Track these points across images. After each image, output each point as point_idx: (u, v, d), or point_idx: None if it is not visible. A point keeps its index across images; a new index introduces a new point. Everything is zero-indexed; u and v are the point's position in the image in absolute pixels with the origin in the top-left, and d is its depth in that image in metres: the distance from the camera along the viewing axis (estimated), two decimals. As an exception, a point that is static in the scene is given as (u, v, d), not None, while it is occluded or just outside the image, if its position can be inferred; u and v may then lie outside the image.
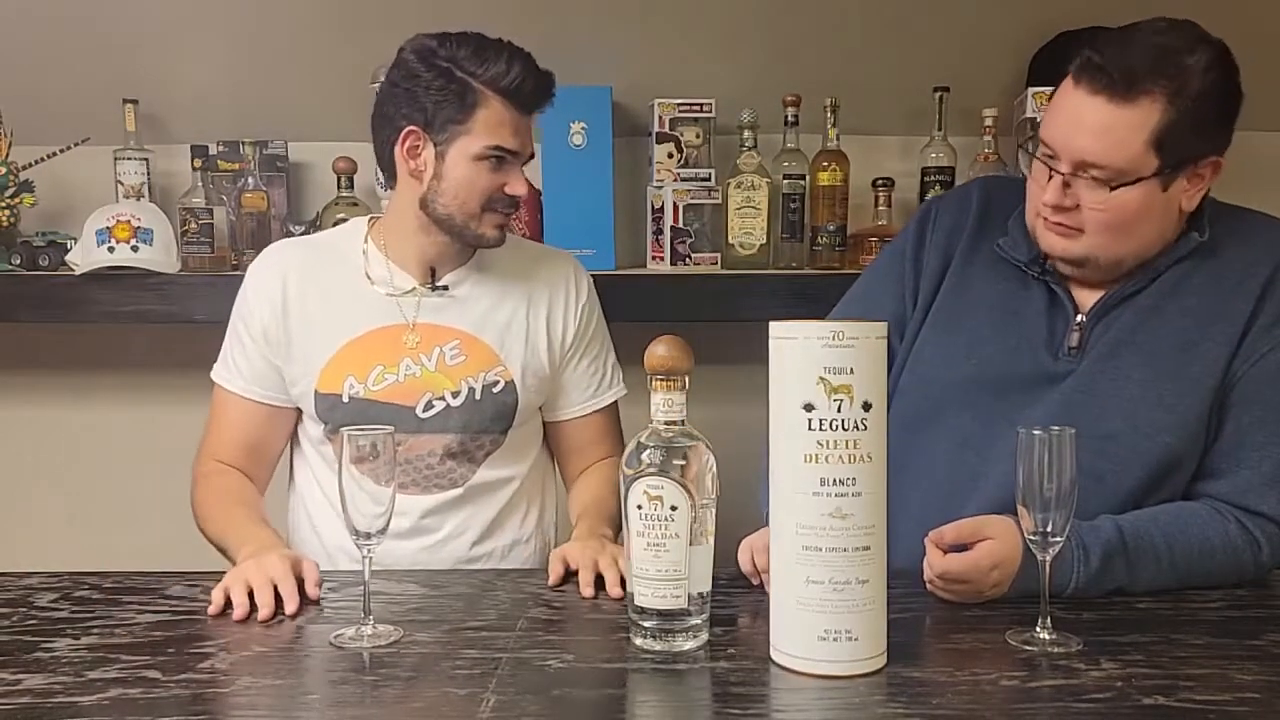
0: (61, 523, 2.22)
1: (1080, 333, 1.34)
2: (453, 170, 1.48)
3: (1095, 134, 1.24)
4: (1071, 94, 1.26)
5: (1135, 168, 1.24)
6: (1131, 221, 1.27)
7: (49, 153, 2.06)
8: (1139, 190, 1.25)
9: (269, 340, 1.53)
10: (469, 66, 1.45)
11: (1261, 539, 1.26)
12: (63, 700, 0.99)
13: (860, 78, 2.05)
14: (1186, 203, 1.30)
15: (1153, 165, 1.24)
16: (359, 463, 1.10)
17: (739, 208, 2.00)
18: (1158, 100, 1.22)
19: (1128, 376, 1.30)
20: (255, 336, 1.54)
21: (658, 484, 1.06)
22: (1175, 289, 1.32)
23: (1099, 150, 1.24)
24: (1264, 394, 1.28)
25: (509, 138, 1.47)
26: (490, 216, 1.50)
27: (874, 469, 1.01)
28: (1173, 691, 0.98)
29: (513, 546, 1.59)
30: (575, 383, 1.63)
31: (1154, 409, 1.28)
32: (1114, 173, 1.24)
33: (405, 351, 1.51)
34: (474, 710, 0.95)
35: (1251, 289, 1.29)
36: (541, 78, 1.49)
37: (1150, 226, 1.29)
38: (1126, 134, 1.23)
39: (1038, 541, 1.10)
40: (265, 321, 1.53)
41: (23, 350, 2.22)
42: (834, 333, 0.99)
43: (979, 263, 1.42)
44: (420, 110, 1.47)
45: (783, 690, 1.01)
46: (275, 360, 1.53)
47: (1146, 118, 1.22)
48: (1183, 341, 1.29)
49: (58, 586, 1.30)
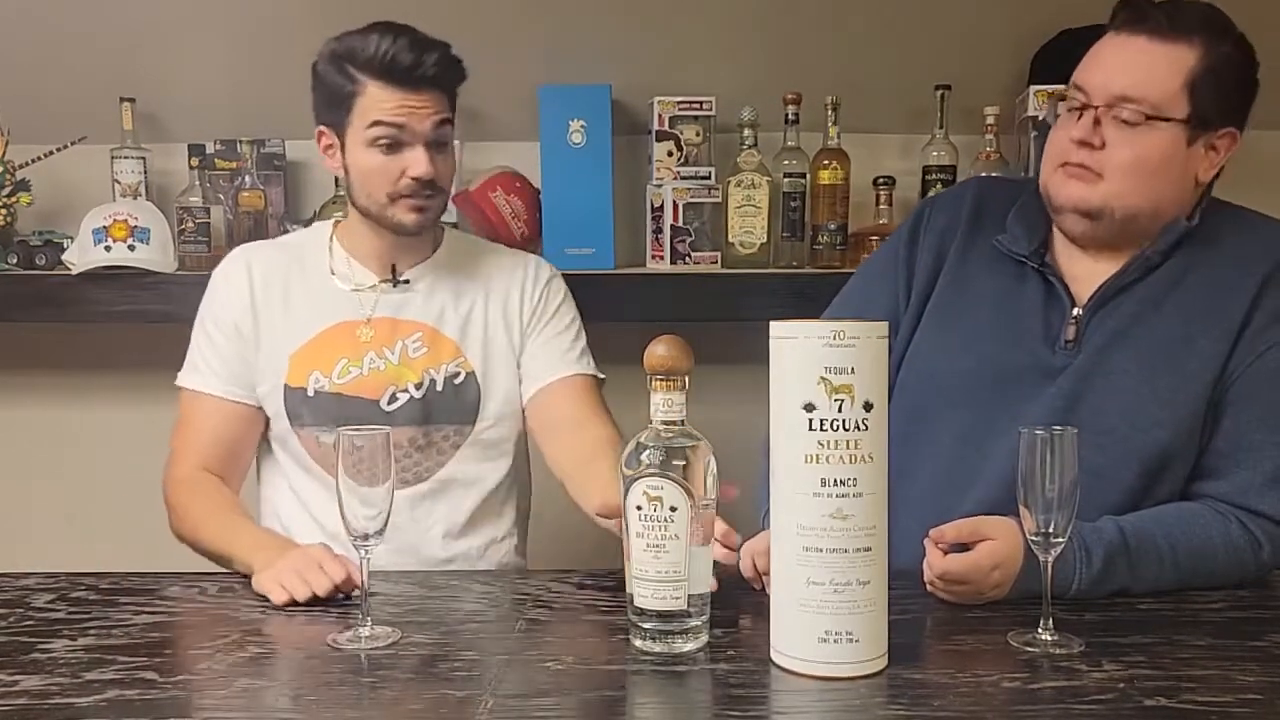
0: (58, 523, 2.22)
1: (1076, 326, 1.34)
2: (353, 163, 1.50)
3: (1135, 67, 1.28)
4: (1111, 40, 1.31)
5: (1168, 105, 1.27)
6: (1154, 169, 1.29)
7: (46, 151, 2.05)
8: (1167, 134, 1.28)
9: (242, 336, 1.54)
10: (351, 56, 1.46)
11: (1263, 539, 1.26)
12: (60, 701, 0.98)
13: (861, 76, 2.05)
14: (1203, 173, 1.32)
15: (1184, 109, 1.27)
16: (354, 463, 1.10)
17: (739, 206, 2.00)
18: (1196, 46, 1.26)
19: (1124, 371, 1.30)
20: (228, 334, 1.54)
21: (657, 485, 1.05)
22: (1173, 285, 1.32)
23: (1135, 83, 1.27)
24: (1262, 393, 1.28)
25: (388, 113, 1.45)
26: (403, 203, 1.49)
27: (875, 469, 1.01)
28: (1175, 693, 0.98)
29: (488, 546, 1.58)
30: (539, 354, 1.59)
31: (1149, 404, 1.28)
32: (1149, 107, 1.27)
33: (368, 345, 1.52)
34: (472, 712, 0.95)
35: (1248, 287, 1.29)
36: (424, 49, 1.46)
37: (1167, 183, 1.30)
38: (1166, 69, 1.27)
39: (1040, 542, 1.09)
40: (236, 317, 1.54)
41: (19, 350, 2.22)
42: (835, 332, 0.99)
43: (975, 259, 1.42)
44: (323, 110, 1.51)
45: (783, 692, 1.00)
46: (247, 356, 1.54)
47: (1186, 58, 1.27)
48: (1179, 337, 1.29)
49: (55, 587, 1.30)
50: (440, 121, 1.49)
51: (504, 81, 2.05)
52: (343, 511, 1.11)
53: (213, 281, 1.58)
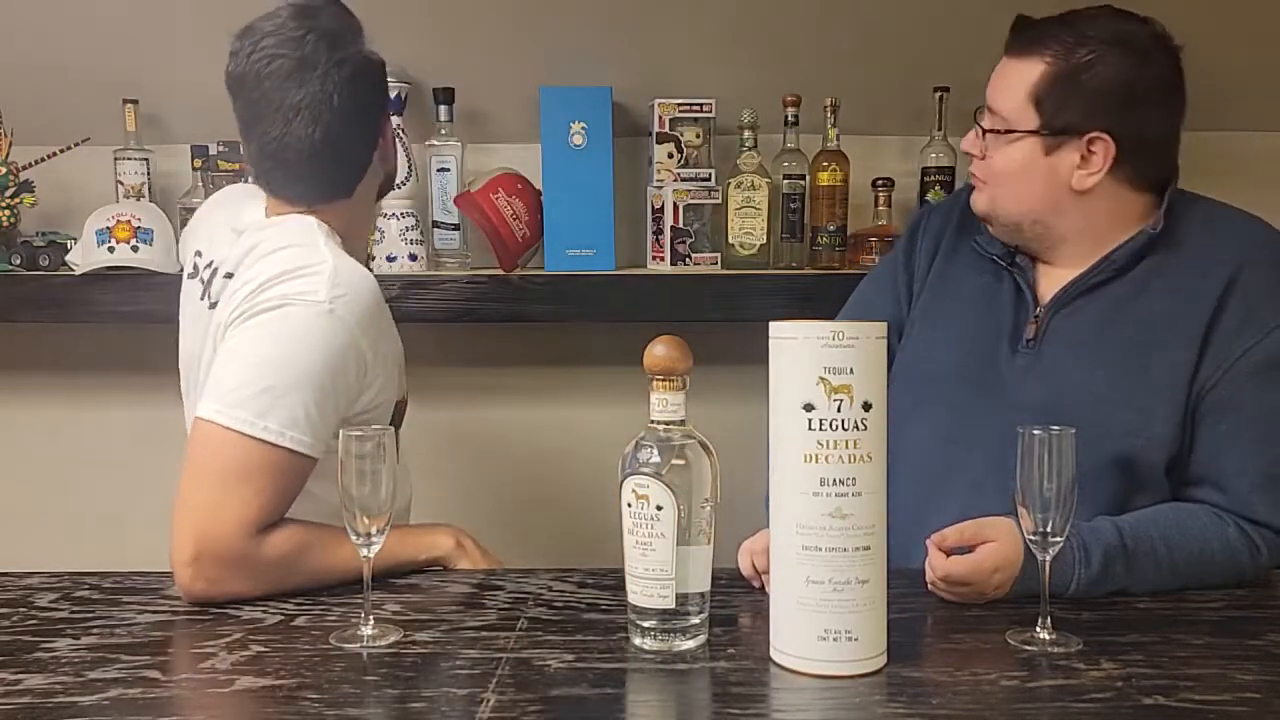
0: (61, 523, 2.22)
1: (1036, 325, 1.35)
2: (387, 156, 1.54)
3: (996, 83, 1.37)
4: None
5: (1017, 118, 1.33)
6: (1016, 177, 1.35)
7: (49, 153, 2.06)
8: (1022, 144, 1.33)
9: (359, 374, 1.35)
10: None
11: (1260, 544, 1.27)
12: (63, 700, 0.99)
13: (860, 78, 2.05)
14: (1078, 181, 1.33)
15: (1032, 121, 1.32)
16: (361, 463, 1.10)
17: (739, 208, 2.00)
18: (1043, 59, 1.31)
19: (1092, 376, 1.30)
20: (351, 385, 1.34)
21: (645, 483, 1.06)
22: (1140, 288, 1.32)
23: (993, 98, 1.37)
24: (1243, 398, 1.27)
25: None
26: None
27: (874, 469, 1.01)
28: (1173, 691, 0.98)
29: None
30: None
31: (1119, 410, 1.28)
32: (1000, 121, 1.35)
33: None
34: (474, 710, 0.95)
35: (1212, 291, 1.29)
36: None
37: (1034, 189, 1.34)
38: (1013, 85, 1.34)
39: (1037, 542, 1.10)
40: (357, 359, 1.35)
41: (22, 350, 2.22)
42: (834, 333, 0.99)
43: (960, 259, 1.46)
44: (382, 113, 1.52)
45: (783, 690, 1.01)
46: (352, 395, 1.36)
47: (1030, 72, 1.32)
48: (1145, 343, 1.30)
49: (58, 586, 1.30)
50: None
51: (505, 83, 2.06)
52: (346, 510, 1.11)
53: (348, 347, 1.32)
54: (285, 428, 1.26)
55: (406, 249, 2.02)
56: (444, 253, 2.06)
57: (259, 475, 1.26)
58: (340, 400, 1.32)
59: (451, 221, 2.05)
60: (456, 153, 2.04)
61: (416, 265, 2.03)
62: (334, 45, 1.39)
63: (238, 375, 1.29)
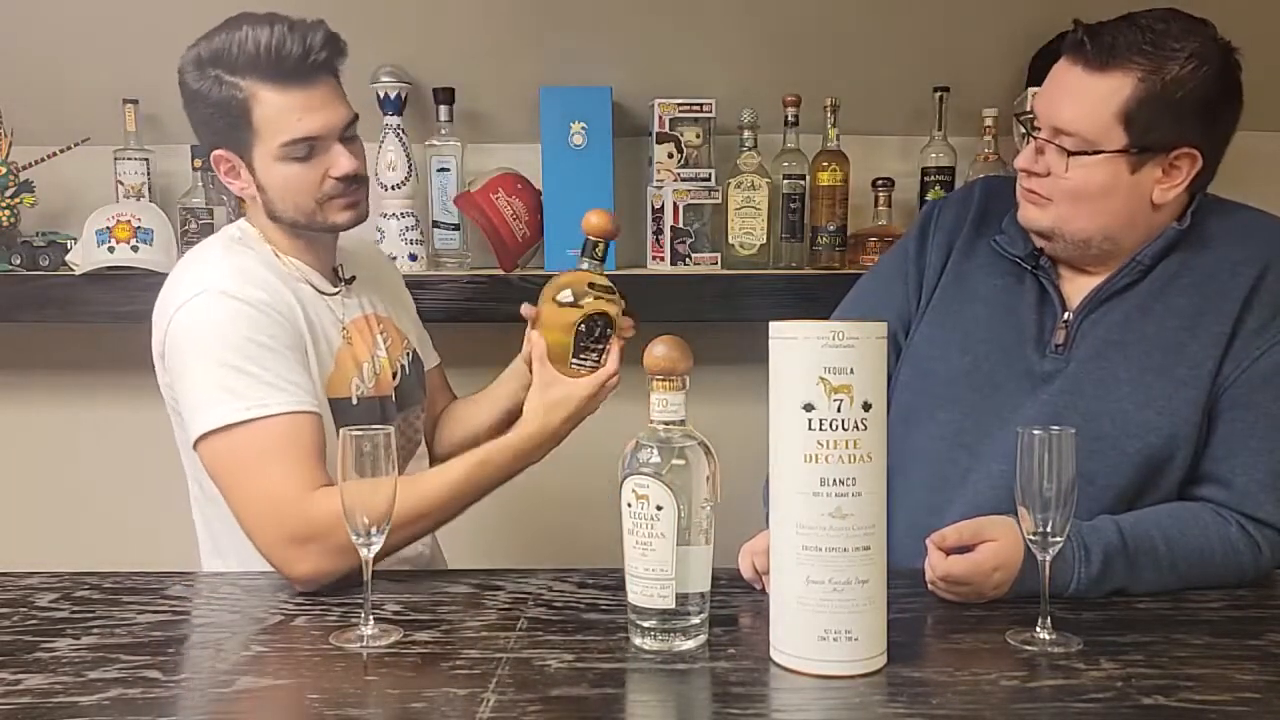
0: (61, 523, 2.22)
1: (1066, 330, 1.34)
2: (268, 180, 1.40)
3: (1068, 101, 1.28)
4: (1058, 67, 1.31)
5: (1101, 139, 1.27)
6: (1095, 196, 1.29)
7: (49, 153, 2.06)
8: (1103, 164, 1.27)
9: (303, 351, 1.39)
10: (225, 60, 1.34)
11: (1262, 543, 1.27)
12: (63, 700, 0.99)
13: (860, 78, 2.05)
14: (1159, 195, 1.30)
15: (1119, 140, 1.26)
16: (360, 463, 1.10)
17: (739, 208, 2.00)
18: (1131, 75, 1.25)
19: (1115, 377, 1.30)
20: (293, 345, 1.38)
21: (644, 483, 1.06)
22: (1164, 288, 1.32)
23: (1069, 117, 1.28)
24: (1256, 399, 1.27)
25: (296, 125, 1.36)
26: (332, 204, 1.42)
27: (874, 469, 1.01)
28: (1172, 691, 0.98)
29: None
30: (419, 331, 1.72)
31: (1143, 410, 1.28)
32: (1081, 141, 1.27)
33: (365, 345, 1.51)
34: (474, 710, 0.95)
35: (1238, 290, 1.29)
36: (306, 31, 1.35)
37: (1114, 207, 1.30)
38: (1096, 103, 1.26)
39: (1037, 541, 1.10)
40: (293, 339, 1.39)
41: (23, 350, 2.22)
42: (834, 333, 0.99)
43: (977, 259, 1.43)
44: (214, 132, 1.40)
45: (783, 690, 1.01)
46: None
47: (1117, 90, 1.25)
48: (1171, 343, 1.29)
49: (58, 586, 1.30)
50: (349, 114, 1.42)
51: (505, 83, 2.06)
52: (349, 512, 1.11)
53: (244, 311, 1.34)
54: (263, 397, 1.30)
55: (406, 249, 2.02)
56: (444, 253, 2.06)
57: (279, 449, 1.30)
58: (290, 356, 1.36)
59: (451, 221, 2.05)
60: (456, 153, 2.04)
61: (416, 265, 2.04)
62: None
63: (194, 390, 1.34)
